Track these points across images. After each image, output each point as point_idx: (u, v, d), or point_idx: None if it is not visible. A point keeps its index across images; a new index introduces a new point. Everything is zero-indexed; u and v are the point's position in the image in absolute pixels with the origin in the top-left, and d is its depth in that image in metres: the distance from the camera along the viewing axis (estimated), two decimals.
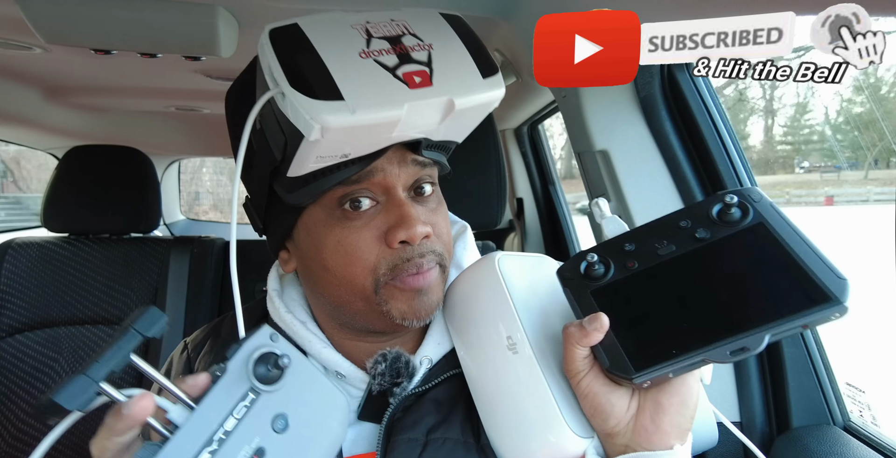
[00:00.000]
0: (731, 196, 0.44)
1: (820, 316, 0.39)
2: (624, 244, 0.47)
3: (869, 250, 1.54)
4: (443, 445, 0.50)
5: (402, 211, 0.50)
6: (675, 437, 0.43)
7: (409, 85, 0.44)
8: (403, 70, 0.44)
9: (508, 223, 1.90)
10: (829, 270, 0.40)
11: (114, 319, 1.36)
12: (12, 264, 1.35)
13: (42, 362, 1.31)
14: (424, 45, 0.46)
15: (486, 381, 0.51)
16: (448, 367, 0.55)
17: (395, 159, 0.51)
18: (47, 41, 0.87)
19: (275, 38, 0.45)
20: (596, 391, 0.45)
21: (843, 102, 1.92)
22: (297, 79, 0.42)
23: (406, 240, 0.50)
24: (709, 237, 0.45)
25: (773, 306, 0.40)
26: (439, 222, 0.54)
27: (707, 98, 0.88)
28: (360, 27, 0.46)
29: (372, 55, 0.45)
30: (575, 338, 0.44)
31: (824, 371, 0.81)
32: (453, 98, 0.45)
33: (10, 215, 4.35)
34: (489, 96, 0.47)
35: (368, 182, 0.50)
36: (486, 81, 0.47)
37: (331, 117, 0.41)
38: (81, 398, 0.32)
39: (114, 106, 1.69)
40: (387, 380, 0.52)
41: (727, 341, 0.40)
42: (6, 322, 1.32)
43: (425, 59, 0.46)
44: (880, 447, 0.70)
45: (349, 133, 0.43)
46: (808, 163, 2.77)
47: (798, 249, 0.41)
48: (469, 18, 0.53)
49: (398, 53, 0.45)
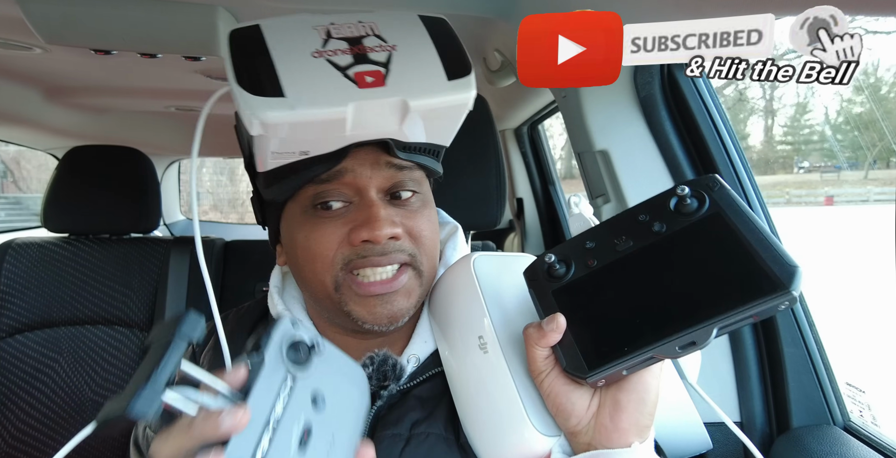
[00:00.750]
0: (682, 187, 0.43)
1: (767, 306, 0.38)
2: (585, 242, 0.47)
3: (869, 249, 1.54)
4: (425, 439, 0.51)
5: (371, 211, 0.50)
6: (633, 434, 0.43)
7: (359, 84, 0.44)
8: (356, 70, 0.45)
9: (508, 223, 1.90)
10: (780, 257, 0.38)
11: (114, 319, 1.36)
12: (12, 265, 1.35)
13: (42, 362, 1.31)
14: (387, 47, 0.47)
15: (461, 379, 0.52)
16: (434, 365, 0.56)
17: (368, 161, 0.51)
18: (47, 41, 0.87)
19: (233, 39, 0.46)
20: (557, 390, 0.45)
21: (843, 102, 1.93)
22: (243, 77, 0.44)
23: (369, 239, 0.50)
24: (665, 230, 0.44)
25: (720, 297, 0.39)
26: (418, 225, 0.54)
27: (707, 98, 0.88)
28: (321, 29, 0.47)
29: (325, 55, 0.45)
30: (533, 339, 0.45)
31: (824, 371, 0.81)
32: (407, 99, 0.45)
33: (10, 216, 4.36)
34: (453, 99, 0.46)
35: (339, 182, 0.51)
36: (452, 83, 0.46)
37: (269, 113, 0.42)
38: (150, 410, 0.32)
39: (114, 106, 1.69)
40: (374, 384, 0.53)
41: (675, 336, 0.40)
42: (6, 322, 1.32)
43: (383, 60, 0.46)
44: (880, 447, 0.70)
45: (295, 130, 0.44)
46: (808, 163, 2.77)
47: (751, 237, 0.40)
48: (469, 18, 0.53)
49: (355, 54, 0.46)
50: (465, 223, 0.78)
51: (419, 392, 0.55)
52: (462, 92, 0.46)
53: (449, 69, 0.47)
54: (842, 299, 2.03)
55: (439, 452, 0.51)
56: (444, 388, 0.55)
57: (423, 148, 0.53)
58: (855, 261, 2.33)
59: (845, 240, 2.68)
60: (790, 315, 0.82)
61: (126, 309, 1.37)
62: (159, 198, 1.47)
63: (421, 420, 0.53)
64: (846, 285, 2.29)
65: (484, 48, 1.15)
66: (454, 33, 0.50)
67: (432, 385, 0.55)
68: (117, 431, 0.35)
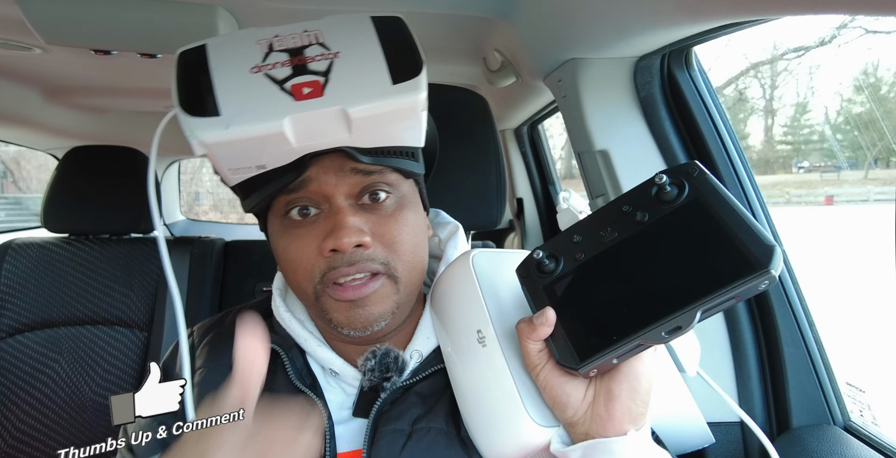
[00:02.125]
0: (660, 176, 0.44)
1: (748, 286, 0.38)
2: (573, 236, 0.48)
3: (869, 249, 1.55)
4: (427, 434, 0.52)
5: (336, 220, 0.50)
6: (628, 423, 0.44)
7: (296, 96, 0.44)
8: (293, 82, 0.45)
9: (508, 223, 1.90)
10: (757, 238, 0.39)
11: (114, 319, 1.36)
12: (12, 265, 1.35)
13: (42, 362, 1.31)
14: (329, 55, 0.47)
15: (460, 373, 0.53)
16: (436, 361, 0.57)
17: (332, 168, 0.51)
18: (47, 41, 0.87)
19: (180, 61, 0.47)
20: (553, 382, 0.46)
21: (843, 101, 1.93)
22: (183, 98, 0.45)
23: (335, 248, 0.50)
24: (647, 219, 0.44)
25: (701, 281, 0.40)
26: (391, 230, 0.53)
27: (707, 98, 0.88)
28: (264, 42, 0.47)
29: (264, 69, 0.46)
30: (525, 333, 0.46)
31: (824, 371, 0.81)
32: (346, 108, 0.44)
33: (10, 216, 4.35)
34: (397, 102, 0.46)
35: (306, 191, 0.51)
36: (397, 86, 0.45)
37: (204, 133, 0.43)
38: None
39: (114, 106, 1.69)
40: (376, 375, 0.54)
41: (661, 322, 0.40)
42: (6, 323, 1.32)
43: (324, 69, 0.46)
44: (880, 447, 0.70)
45: (238, 147, 0.45)
46: (807, 163, 2.77)
47: (730, 220, 0.40)
48: (469, 18, 0.53)
49: (294, 65, 0.46)
50: (465, 223, 0.78)
51: (420, 389, 0.56)
52: (408, 95, 0.46)
53: (395, 72, 0.46)
54: (842, 299, 2.03)
55: (441, 446, 0.51)
56: (444, 384, 0.55)
57: (392, 151, 0.52)
58: (855, 261, 2.33)
59: (845, 240, 2.68)
60: (790, 315, 0.82)
61: (126, 309, 1.37)
62: (159, 198, 1.47)
63: (422, 416, 0.53)
64: (846, 284, 2.29)
65: (484, 48, 1.15)
66: (408, 32, 0.49)
67: (433, 382, 0.56)
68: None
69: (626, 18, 0.74)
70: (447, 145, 0.78)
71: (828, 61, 1.88)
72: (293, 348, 0.59)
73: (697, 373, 0.58)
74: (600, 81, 0.89)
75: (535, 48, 0.93)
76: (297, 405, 0.54)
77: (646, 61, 0.88)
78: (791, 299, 0.82)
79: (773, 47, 2.05)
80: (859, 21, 1.25)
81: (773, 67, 2.29)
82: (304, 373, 0.57)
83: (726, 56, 2.05)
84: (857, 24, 1.30)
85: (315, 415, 0.45)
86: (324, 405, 0.55)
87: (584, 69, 0.89)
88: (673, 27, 0.72)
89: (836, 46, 1.45)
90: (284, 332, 0.60)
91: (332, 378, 0.58)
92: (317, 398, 0.55)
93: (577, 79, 0.89)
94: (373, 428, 0.53)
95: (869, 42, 1.31)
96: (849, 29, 1.33)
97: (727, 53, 2.00)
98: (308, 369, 0.58)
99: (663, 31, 0.74)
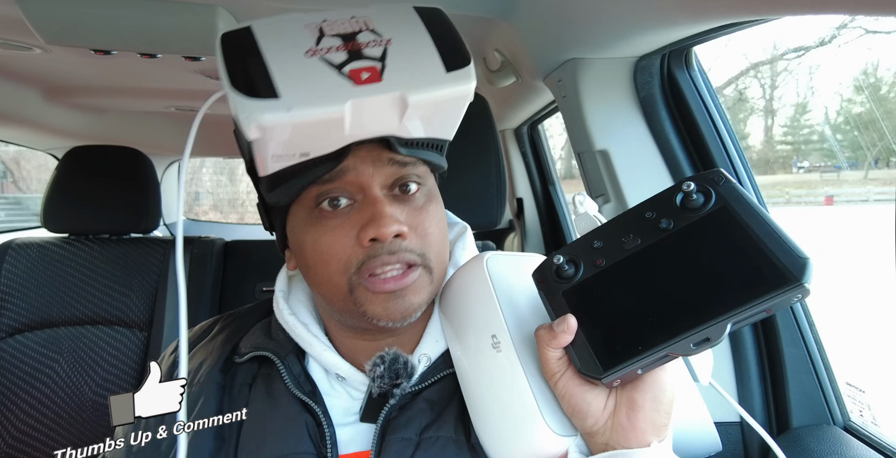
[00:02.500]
0: (687, 184, 0.43)
1: (781, 299, 0.38)
2: (593, 241, 0.47)
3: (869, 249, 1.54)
4: (435, 443, 0.51)
5: (375, 209, 0.49)
6: (651, 434, 0.43)
7: (355, 81, 0.43)
8: (351, 67, 0.44)
9: (508, 223, 1.90)
10: (790, 250, 0.38)
11: (114, 319, 1.36)
12: (12, 265, 1.35)
13: (42, 362, 1.31)
14: (381, 41, 0.46)
15: (473, 379, 0.52)
16: (445, 366, 0.56)
17: (370, 158, 0.50)
18: (47, 41, 0.87)
19: (225, 43, 0.45)
20: (572, 391, 0.45)
21: (843, 101, 1.93)
22: (237, 80, 0.43)
23: (376, 237, 0.49)
24: (672, 227, 0.43)
25: (732, 292, 0.39)
26: (424, 222, 0.53)
27: (707, 98, 0.88)
28: (313, 26, 0.46)
29: (319, 53, 0.44)
30: (545, 340, 0.45)
31: (824, 371, 0.81)
32: (405, 93, 0.44)
33: (10, 216, 4.35)
34: (452, 91, 0.45)
35: (342, 181, 0.50)
36: (451, 74, 0.45)
37: (265, 116, 0.41)
38: None
39: (114, 106, 1.69)
40: (386, 382, 0.52)
41: (689, 333, 0.39)
42: (6, 323, 1.32)
43: (378, 55, 0.45)
44: (880, 447, 0.70)
45: (294, 132, 0.44)
46: (807, 163, 2.77)
47: (759, 230, 0.40)
48: (469, 18, 0.53)
49: (349, 50, 0.45)
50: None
51: (429, 395, 0.54)
52: (461, 83, 0.45)
53: (447, 60, 0.45)
54: (842, 299, 2.03)
55: (450, 454, 0.50)
56: (453, 390, 0.54)
57: (426, 143, 0.52)
58: (855, 261, 2.33)
59: (845, 240, 2.68)
60: (790, 315, 0.82)
61: (126, 309, 1.37)
62: (159, 198, 1.47)
63: (430, 424, 0.52)
64: (846, 284, 2.29)
65: (484, 48, 1.15)
66: (451, 24, 0.49)
67: (442, 387, 0.55)
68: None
69: (626, 18, 0.74)
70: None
71: (828, 61, 1.88)
72: (290, 354, 0.57)
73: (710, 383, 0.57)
74: (600, 81, 0.89)
75: (535, 48, 0.93)
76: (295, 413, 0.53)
77: (646, 61, 0.88)
78: None
79: (773, 47, 2.05)
80: (859, 21, 1.25)
81: (773, 67, 2.29)
82: (301, 380, 0.56)
83: (726, 56, 2.05)
84: (857, 24, 1.30)
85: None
86: (323, 412, 0.53)
87: (584, 69, 0.89)
88: (673, 27, 0.72)
89: (836, 46, 1.45)
90: (282, 337, 0.58)
91: (337, 383, 0.57)
92: (316, 405, 0.54)
93: (577, 79, 0.89)
94: (381, 434, 0.52)
95: (869, 42, 1.31)
96: (849, 29, 1.33)
97: (727, 53, 2.00)
98: (306, 375, 0.57)
99: (663, 31, 0.74)
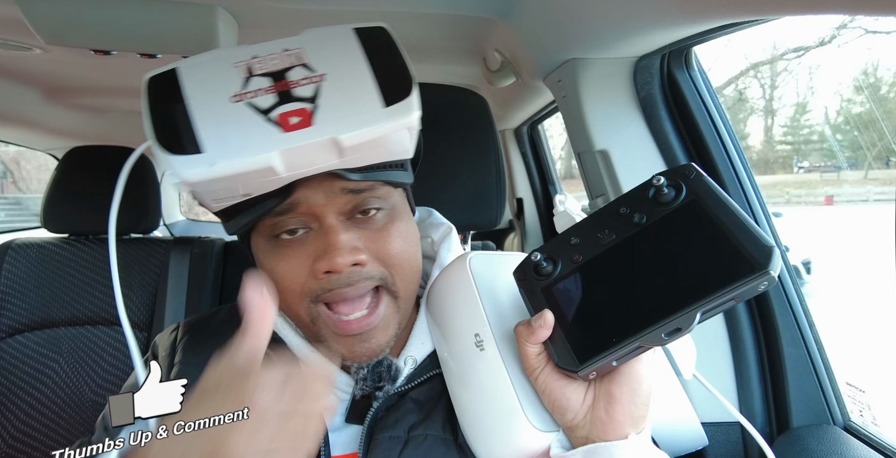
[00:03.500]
0: (657, 177, 0.44)
1: (747, 287, 0.38)
2: (570, 238, 0.47)
3: (869, 249, 1.54)
4: (423, 441, 0.51)
5: (328, 240, 0.48)
6: (629, 426, 0.44)
7: (284, 128, 0.42)
8: (280, 111, 0.42)
9: (508, 223, 1.90)
10: (756, 239, 0.39)
11: (114, 319, 1.36)
12: (12, 265, 1.35)
13: (42, 362, 1.31)
14: (314, 78, 0.44)
15: (458, 378, 0.52)
16: (432, 367, 0.56)
17: (321, 189, 0.48)
18: (47, 41, 0.87)
19: (150, 88, 0.44)
20: (552, 386, 0.46)
21: (843, 101, 1.93)
22: (161, 133, 0.42)
23: (330, 270, 0.48)
24: (645, 221, 0.44)
25: (700, 282, 0.40)
26: (386, 245, 0.51)
27: (707, 98, 0.88)
28: (242, 66, 0.44)
29: (246, 98, 0.43)
30: (524, 336, 0.46)
31: (824, 371, 0.81)
32: (337, 136, 0.42)
33: (10, 216, 4.36)
34: (391, 126, 0.43)
35: (295, 213, 0.49)
36: (389, 109, 0.43)
37: (188, 172, 0.40)
38: None
39: (114, 106, 1.69)
40: (369, 384, 0.53)
41: (660, 323, 0.40)
42: (6, 323, 1.32)
43: (310, 95, 0.43)
44: (880, 447, 0.70)
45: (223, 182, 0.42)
46: (807, 163, 2.77)
47: (727, 221, 0.41)
48: (469, 18, 0.52)
49: (279, 91, 0.43)
50: (465, 223, 0.78)
51: (416, 395, 0.55)
52: (401, 117, 0.43)
53: (386, 92, 0.44)
54: (842, 299, 2.03)
55: (438, 453, 0.51)
56: (441, 390, 0.54)
57: (383, 165, 0.50)
58: (855, 261, 2.33)
59: (845, 240, 2.68)
60: (790, 315, 0.82)
61: (126, 309, 1.36)
62: (159, 198, 1.47)
63: (418, 423, 0.53)
64: (846, 284, 2.29)
65: (484, 48, 1.15)
66: (395, 45, 0.47)
67: (430, 387, 0.55)
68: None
69: (626, 18, 0.74)
70: (447, 145, 0.78)
71: (828, 61, 1.87)
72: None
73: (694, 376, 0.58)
74: (600, 81, 0.89)
75: (534, 48, 0.93)
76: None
77: (646, 61, 0.88)
78: (791, 299, 0.82)
79: (773, 47, 2.05)
80: (859, 21, 1.25)
81: (773, 67, 2.29)
82: None
83: (726, 56, 2.04)
84: (857, 24, 1.30)
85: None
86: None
87: (584, 69, 0.89)
88: (673, 27, 0.72)
89: (836, 46, 1.44)
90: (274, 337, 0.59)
91: None
92: None
93: (577, 79, 0.89)
94: (368, 435, 0.52)
95: (869, 42, 1.31)
96: (849, 29, 1.33)
97: (727, 53, 2.00)
98: None
99: (663, 31, 0.74)
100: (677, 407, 0.57)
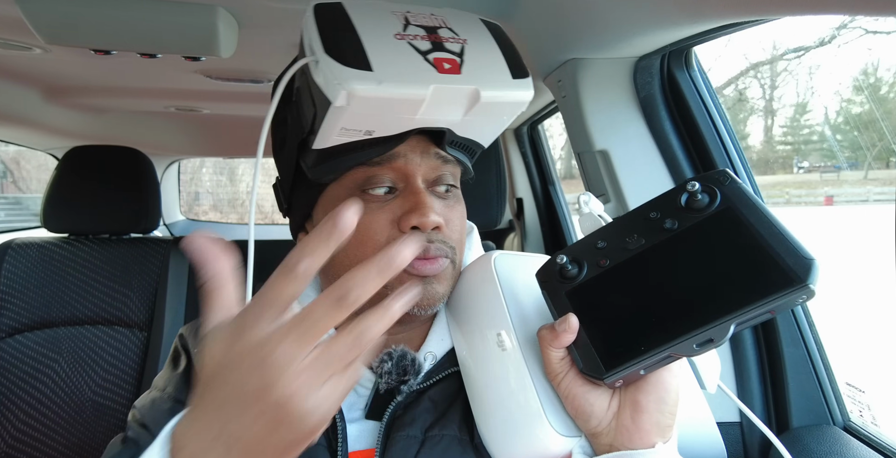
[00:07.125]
0: (692, 183, 0.43)
1: (785, 300, 0.37)
2: (597, 242, 0.47)
3: (868, 249, 1.55)
4: (440, 441, 0.51)
5: (418, 198, 0.51)
6: (656, 435, 0.43)
7: (438, 69, 0.46)
8: (435, 55, 0.47)
9: (508, 223, 1.89)
10: (796, 250, 0.38)
11: (114, 319, 1.36)
12: (12, 265, 1.35)
13: (42, 362, 1.31)
14: (459, 39, 0.49)
15: (477, 377, 0.52)
16: (450, 364, 0.56)
17: (419, 149, 0.52)
18: (47, 41, 0.87)
19: (318, 12, 0.47)
20: (575, 392, 0.45)
21: (843, 102, 1.93)
22: (331, 47, 0.45)
23: (418, 225, 0.51)
24: (676, 227, 0.43)
25: (736, 293, 0.39)
26: (454, 219, 0.55)
27: (707, 98, 0.88)
28: (399, 14, 0.49)
29: (406, 38, 0.47)
30: (547, 340, 0.45)
31: (824, 371, 0.81)
32: (480, 89, 0.46)
33: (10, 216, 4.36)
34: (516, 95, 0.49)
35: (389, 166, 0.52)
36: (516, 81, 0.48)
37: (358, 85, 0.43)
38: None
39: (114, 106, 1.69)
40: (393, 378, 0.53)
41: (693, 333, 0.39)
42: (6, 323, 1.32)
43: (458, 51, 0.48)
44: (880, 447, 0.70)
45: (373, 106, 0.45)
46: (807, 163, 2.78)
47: (765, 231, 0.39)
48: None
49: (432, 41, 0.48)
50: None
51: (433, 394, 0.54)
52: (524, 90, 0.49)
53: (512, 69, 0.49)
54: (842, 299, 2.03)
55: (454, 453, 0.50)
56: (458, 388, 0.54)
57: (467, 145, 0.55)
58: (855, 261, 2.33)
59: (845, 240, 2.68)
60: (790, 315, 0.82)
61: (126, 309, 1.37)
62: (159, 198, 1.47)
63: (434, 423, 0.52)
64: (846, 284, 2.29)
65: None
66: (510, 39, 0.52)
67: (447, 385, 0.55)
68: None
69: (626, 18, 0.74)
70: None
71: (828, 61, 1.88)
72: None
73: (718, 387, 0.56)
74: (600, 81, 0.89)
75: (535, 48, 0.93)
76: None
77: (646, 61, 0.88)
78: None
79: (773, 47, 2.05)
80: (859, 21, 1.25)
81: (773, 67, 2.30)
82: None
83: (726, 56, 2.05)
84: (857, 24, 1.30)
85: None
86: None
87: (584, 69, 0.89)
88: (673, 27, 0.72)
89: (836, 46, 1.45)
90: None
91: None
92: None
93: (577, 79, 0.89)
94: (386, 432, 0.52)
95: (869, 42, 1.31)
96: (849, 29, 1.34)
97: (727, 53, 2.00)
98: None
99: (663, 31, 0.74)
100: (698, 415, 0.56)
